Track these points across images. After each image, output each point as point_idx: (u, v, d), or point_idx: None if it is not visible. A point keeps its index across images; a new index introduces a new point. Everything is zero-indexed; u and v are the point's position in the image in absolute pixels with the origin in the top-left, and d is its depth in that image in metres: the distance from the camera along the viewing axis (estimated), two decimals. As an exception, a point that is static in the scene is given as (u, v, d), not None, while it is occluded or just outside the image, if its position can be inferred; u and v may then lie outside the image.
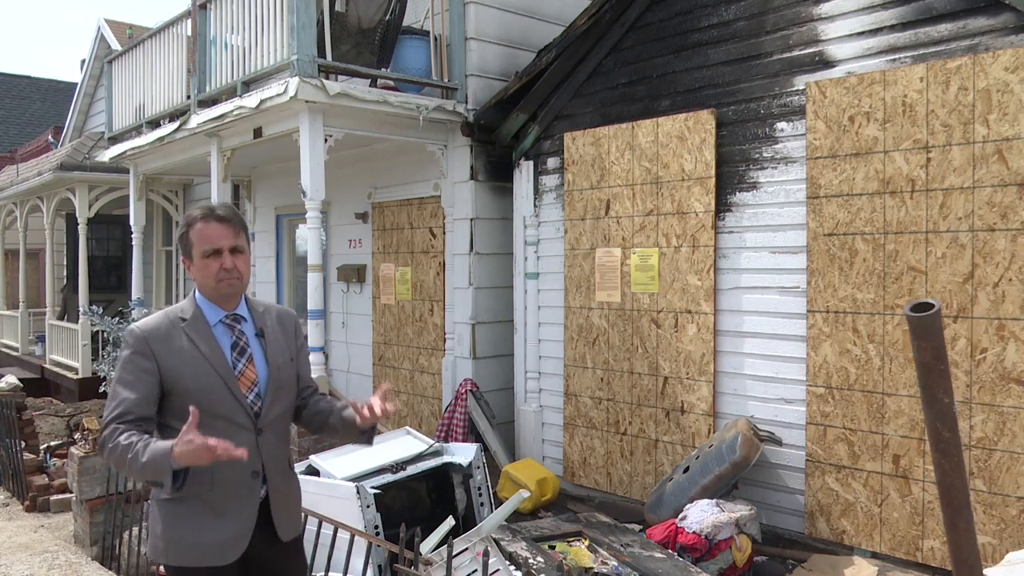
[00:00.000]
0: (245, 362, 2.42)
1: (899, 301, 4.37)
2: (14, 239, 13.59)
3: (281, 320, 2.59)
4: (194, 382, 2.32)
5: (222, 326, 2.43)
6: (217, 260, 2.37)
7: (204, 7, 7.20)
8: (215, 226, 2.38)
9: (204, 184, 10.30)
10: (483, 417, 6.49)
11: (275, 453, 2.48)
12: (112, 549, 5.01)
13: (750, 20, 5.04)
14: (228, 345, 2.41)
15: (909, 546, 4.32)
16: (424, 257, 7.35)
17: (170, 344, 2.34)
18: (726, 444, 4.66)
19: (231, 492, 2.36)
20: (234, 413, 2.36)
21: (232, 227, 2.40)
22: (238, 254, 2.41)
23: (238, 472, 2.34)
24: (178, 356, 2.33)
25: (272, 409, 2.45)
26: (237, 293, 2.45)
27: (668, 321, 5.44)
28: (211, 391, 2.33)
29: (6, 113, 24.06)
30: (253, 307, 2.54)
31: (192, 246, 2.39)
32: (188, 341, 2.35)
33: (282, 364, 2.49)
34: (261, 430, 2.42)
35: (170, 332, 2.36)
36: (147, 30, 9.01)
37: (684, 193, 5.33)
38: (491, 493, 4.94)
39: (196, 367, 2.33)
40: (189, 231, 2.40)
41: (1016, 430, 3.96)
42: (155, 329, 2.36)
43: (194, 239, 2.39)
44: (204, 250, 2.37)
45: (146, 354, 2.31)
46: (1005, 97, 3.97)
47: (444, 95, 6.75)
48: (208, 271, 2.37)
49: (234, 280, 2.39)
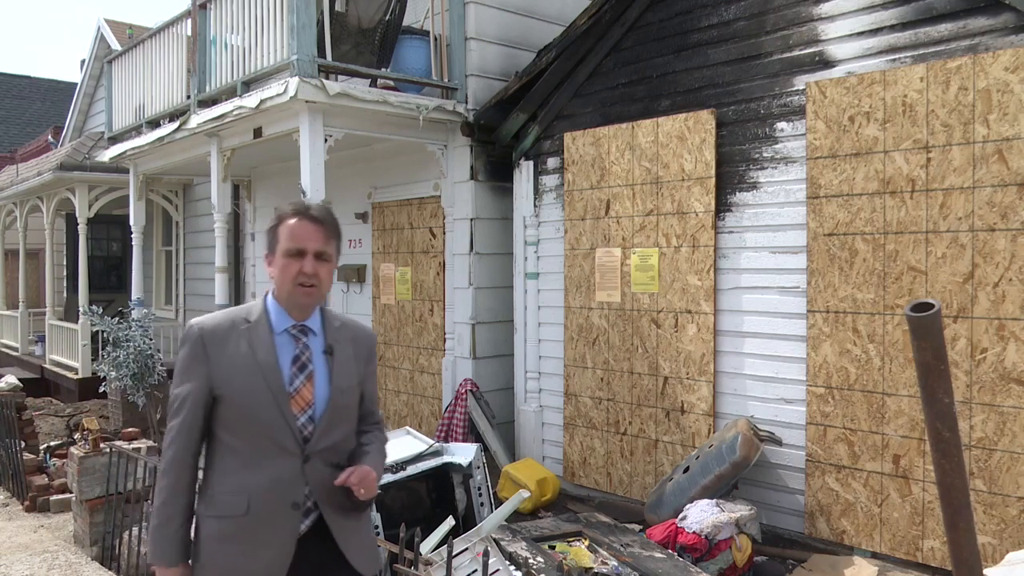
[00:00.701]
0: (303, 379, 2.20)
1: (899, 301, 4.37)
2: (14, 239, 13.59)
3: (356, 340, 2.36)
4: (241, 393, 2.13)
5: (287, 336, 2.23)
6: (298, 262, 2.18)
7: (204, 7, 7.20)
8: (306, 225, 2.19)
9: (204, 184, 10.30)
10: (483, 417, 6.49)
11: (328, 482, 2.19)
12: (112, 549, 5.01)
13: (750, 20, 5.04)
14: (289, 358, 2.20)
15: (909, 546, 4.32)
16: (424, 257, 7.35)
17: (226, 347, 2.17)
18: (726, 444, 4.66)
19: (265, 521, 2.14)
20: (280, 434, 2.14)
21: (324, 230, 2.21)
22: (323, 262, 2.20)
23: (276, 501, 2.14)
24: (230, 361, 2.15)
25: (326, 436, 2.20)
26: (312, 303, 2.25)
27: (668, 321, 5.44)
28: (258, 406, 2.13)
29: (6, 113, 24.06)
30: (328, 321, 2.32)
31: (278, 242, 2.21)
32: (247, 346, 2.17)
33: (346, 388, 2.26)
34: (309, 457, 2.17)
35: (229, 334, 2.19)
36: (147, 30, 9.01)
37: (684, 193, 5.33)
38: (491, 493, 4.94)
39: (247, 377, 2.14)
40: (279, 226, 2.22)
41: (1016, 430, 3.96)
42: (215, 328, 2.19)
43: (281, 235, 2.20)
44: (288, 248, 2.18)
45: (199, 356, 2.16)
46: (1005, 97, 3.97)
47: (444, 95, 6.75)
48: (287, 272, 2.19)
49: (311, 288, 2.20)
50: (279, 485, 2.13)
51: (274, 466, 2.12)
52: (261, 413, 2.13)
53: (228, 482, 2.14)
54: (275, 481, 2.13)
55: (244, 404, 2.13)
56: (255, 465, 2.14)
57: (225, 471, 2.17)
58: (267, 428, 2.13)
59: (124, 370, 8.23)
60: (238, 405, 2.13)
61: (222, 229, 7.57)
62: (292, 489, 2.14)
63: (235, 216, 9.97)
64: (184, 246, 11.66)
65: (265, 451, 2.12)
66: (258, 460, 2.13)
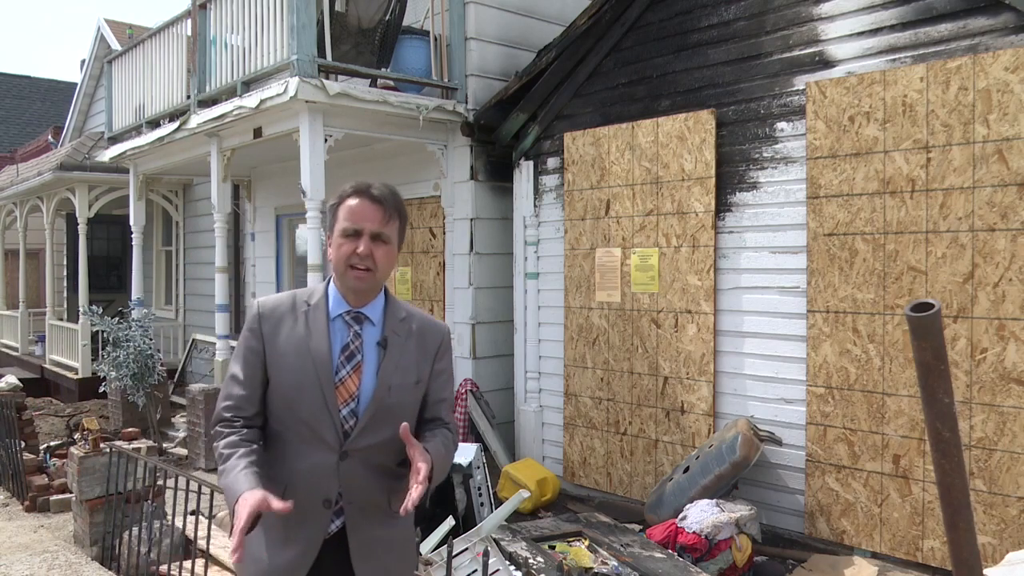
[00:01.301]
0: (350, 370, 2.04)
1: (899, 301, 4.37)
2: (14, 239, 13.59)
3: (423, 334, 2.15)
4: (289, 376, 2.02)
5: (341, 322, 2.08)
6: (353, 243, 2.01)
7: (204, 7, 7.21)
8: (366, 204, 2.04)
9: (204, 184, 10.30)
10: (483, 417, 6.49)
11: (361, 485, 2.04)
12: (112, 549, 5.01)
13: (750, 20, 5.04)
14: (339, 345, 2.06)
15: (909, 546, 4.32)
16: (424, 257, 7.35)
17: (282, 327, 2.06)
18: (726, 444, 4.66)
19: (296, 517, 1.97)
20: (320, 424, 2.01)
21: (384, 211, 2.04)
22: (380, 243, 2.03)
23: (308, 496, 2.01)
24: (285, 343, 2.04)
25: (366, 434, 2.03)
26: (366, 288, 2.06)
27: (668, 321, 5.44)
28: (304, 391, 2.01)
29: (6, 113, 24.06)
30: (392, 311, 2.13)
31: (336, 222, 2.06)
32: (303, 329, 2.05)
33: (396, 386, 2.06)
34: (346, 454, 2.02)
35: (287, 314, 2.08)
36: (147, 30, 9.02)
37: (684, 193, 5.33)
38: (491, 493, 4.94)
39: (298, 360, 2.02)
40: (338, 205, 2.08)
41: (1016, 430, 3.96)
42: (274, 308, 2.09)
43: (340, 214, 2.06)
44: (344, 228, 2.03)
45: (256, 333, 2.06)
46: (1005, 97, 3.97)
47: (444, 95, 6.75)
48: (341, 253, 2.03)
49: (365, 272, 2.02)
50: (312, 479, 2.01)
51: (310, 458, 2.01)
52: (305, 399, 2.01)
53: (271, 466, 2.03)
54: (308, 474, 2.02)
55: (292, 387, 2.02)
56: (294, 455, 2.04)
57: (269, 459, 2.05)
58: (310, 416, 2.01)
59: (124, 370, 8.23)
60: (285, 387, 2.02)
61: (222, 229, 7.57)
62: (325, 485, 2.01)
63: (235, 216, 9.97)
64: (184, 246, 11.66)
65: (305, 440, 2.01)
66: (297, 450, 2.03)
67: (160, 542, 4.64)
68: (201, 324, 10.78)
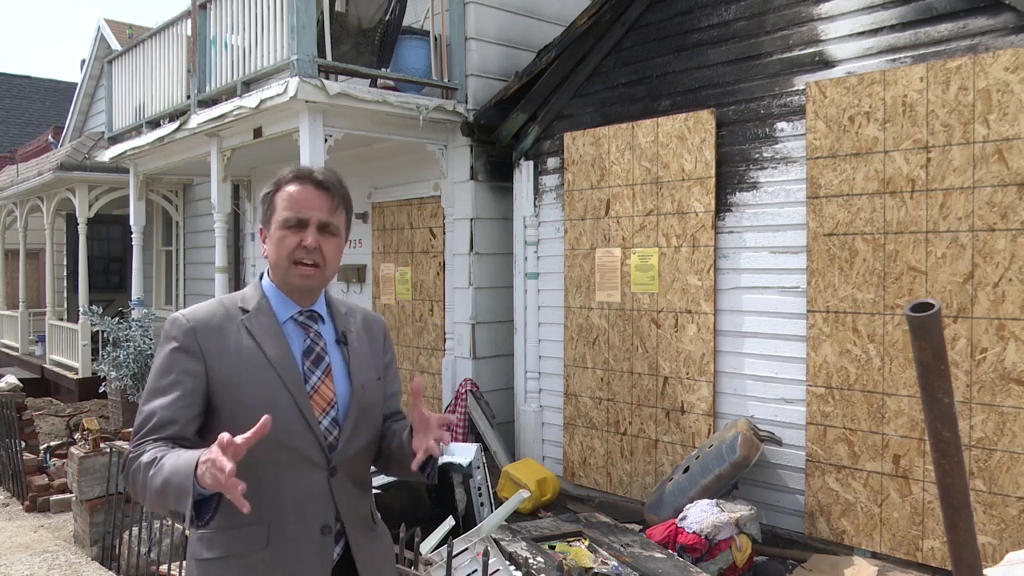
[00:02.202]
0: (321, 375, 1.81)
1: (899, 301, 4.37)
2: (14, 239, 13.60)
3: (368, 326, 1.97)
4: (253, 395, 1.71)
5: (293, 324, 1.83)
6: (298, 235, 1.77)
7: (204, 7, 7.21)
8: (310, 191, 1.80)
9: (204, 184, 10.30)
10: (483, 417, 6.49)
11: (353, 501, 1.83)
12: (112, 549, 5.01)
13: (750, 20, 5.04)
14: (300, 350, 1.80)
15: (909, 546, 4.32)
16: (424, 257, 7.35)
17: (224, 341, 1.74)
18: (726, 444, 4.66)
19: (292, 554, 1.72)
20: (303, 443, 1.74)
21: (330, 198, 1.82)
22: (328, 236, 1.81)
23: (303, 527, 1.74)
24: (234, 358, 1.73)
25: (352, 441, 1.82)
26: (314, 286, 1.83)
27: (668, 321, 5.44)
28: (275, 409, 1.66)
29: (6, 113, 24.06)
30: (335, 307, 1.94)
31: (274, 212, 1.81)
32: (249, 339, 1.75)
33: (366, 382, 1.88)
34: (336, 469, 1.78)
35: (224, 325, 1.76)
36: (147, 30, 9.02)
37: (684, 193, 5.33)
38: (491, 493, 4.94)
39: (258, 375, 1.73)
40: (275, 192, 1.83)
41: (1016, 430, 3.96)
42: (207, 319, 1.76)
43: (278, 203, 1.81)
44: (285, 218, 1.78)
45: (192, 351, 1.72)
46: (1005, 97, 3.97)
47: (444, 95, 6.75)
48: (282, 247, 1.78)
49: (311, 268, 1.79)
50: (304, 506, 1.74)
51: (296, 483, 1.73)
52: (279, 418, 1.68)
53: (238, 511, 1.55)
54: (299, 501, 1.74)
55: (256, 408, 1.64)
56: (274, 485, 1.72)
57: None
58: (287, 436, 1.72)
59: (124, 370, 8.24)
60: (249, 410, 1.67)
61: (222, 229, 7.57)
62: (320, 509, 1.75)
63: (235, 216, 9.97)
64: (184, 246, 11.66)
65: (284, 465, 1.72)
66: (276, 478, 1.72)
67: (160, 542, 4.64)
68: (201, 324, 10.75)
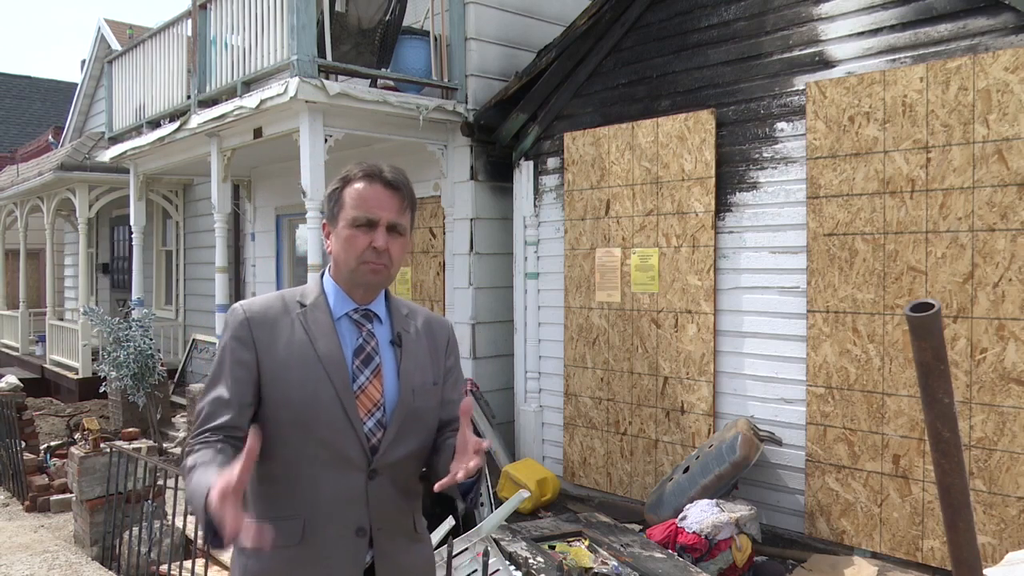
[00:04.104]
0: (369, 375, 1.78)
1: (899, 301, 4.37)
2: (14, 239, 13.60)
3: (430, 329, 1.93)
4: (299, 390, 1.71)
5: (348, 321, 1.81)
6: (368, 235, 1.75)
7: (204, 7, 7.21)
8: (380, 191, 1.77)
9: (204, 184, 10.30)
10: (483, 417, 6.48)
11: (391, 508, 1.79)
12: (112, 549, 5.01)
13: (750, 20, 5.05)
14: (351, 348, 1.79)
15: (909, 546, 4.32)
16: (424, 257, 7.35)
17: (277, 333, 1.75)
18: (726, 444, 4.66)
19: (325, 553, 1.72)
20: (344, 442, 1.73)
21: (401, 198, 1.80)
22: (396, 236, 1.79)
23: (338, 526, 1.73)
24: (285, 351, 1.73)
25: (396, 446, 1.78)
26: (380, 285, 1.83)
27: (668, 321, 5.44)
28: (319, 406, 1.70)
29: (6, 113, 24.07)
30: (395, 306, 1.90)
31: (341, 209, 1.78)
32: (302, 333, 1.75)
33: (419, 387, 1.83)
34: (375, 472, 1.75)
35: (280, 318, 1.77)
36: (147, 30, 9.02)
37: (684, 193, 5.33)
38: (491, 493, 4.94)
39: (305, 370, 1.72)
40: (343, 189, 1.80)
41: (1016, 430, 3.96)
42: (263, 311, 1.77)
43: (347, 200, 1.78)
44: (355, 217, 1.76)
45: (245, 341, 1.73)
46: (1005, 97, 3.97)
47: (444, 95, 6.75)
48: (352, 246, 1.76)
49: (381, 267, 1.78)
50: (340, 506, 1.73)
51: (335, 482, 1.72)
52: (323, 415, 1.71)
53: (276, 506, 1.72)
54: (335, 502, 1.73)
55: (303, 403, 1.71)
56: (312, 482, 1.72)
57: (271, 493, 1.74)
58: (329, 434, 1.72)
59: (124, 370, 8.23)
60: (295, 406, 1.71)
61: (222, 229, 7.57)
62: (356, 511, 1.73)
63: (235, 216, 9.97)
64: (184, 246, 11.66)
65: (325, 463, 1.72)
66: (315, 476, 1.72)
67: (160, 542, 4.64)
68: (201, 324, 10.78)
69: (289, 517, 1.71)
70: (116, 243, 13.77)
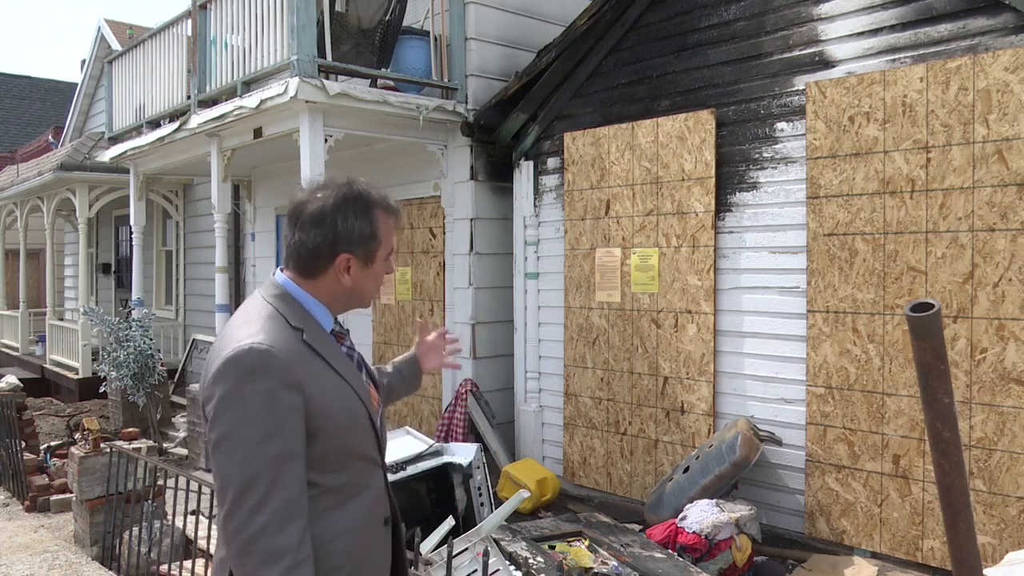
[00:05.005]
0: (367, 380, 1.87)
1: (899, 301, 4.37)
2: (14, 239, 13.60)
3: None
4: (344, 416, 1.71)
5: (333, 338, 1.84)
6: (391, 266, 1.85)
7: (204, 7, 7.21)
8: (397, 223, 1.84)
9: (204, 184, 10.31)
10: (483, 417, 6.49)
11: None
12: (112, 549, 5.01)
13: (750, 20, 5.05)
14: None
15: (909, 546, 4.32)
16: (424, 257, 7.35)
17: (310, 368, 1.67)
18: (726, 444, 4.66)
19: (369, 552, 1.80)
20: (374, 450, 1.81)
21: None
22: None
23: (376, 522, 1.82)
24: (322, 384, 1.67)
25: (384, 434, 1.91)
26: None
27: (668, 321, 5.44)
28: (357, 427, 1.74)
29: (6, 113, 24.07)
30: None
31: (380, 243, 1.76)
32: (318, 359, 1.70)
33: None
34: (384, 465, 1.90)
35: (302, 351, 1.68)
36: (147, 30, 9.02)
37: (684, 193, 5.33)
38: (491, 493, 4.94)
39: (343, 397, 1.72)
40: (379, 220, 1.76)
41: (1016, 430, 3.96)
42: (288, 347, 1.65)
43: (383, 233, 1.76)
44: (393, 248, 1.82)
45: (293, 385, 1.60)
46: (1005, 97, 3.97)
47: (444, 95, 6.75)
48: (382, 277, 1.83)
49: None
50: (376, 505, 1.82)
51: (370, 486, 1.80)
52: (362, 432, 1.76)
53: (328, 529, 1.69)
54: (374, 502, 1.81)
55: (347, 428, 1.71)
56: (354, 492, 1.75)
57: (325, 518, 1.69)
58: (368, 447, 1.78)
59: (124, 370, 8.23)
60: (341, 432, 1.69)
61: (222, 229, 7.57)
62: (383, 504, 1.84)
63: (235, 216, 9.98)
64: (184, 246, 11.67)
65: (361, 472, 1.77)
66: (358, 486, 1.76)
67: (160, 542, 4.64)
68: (201, 324, 10.78)
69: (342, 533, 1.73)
70: (120, 243, 13.77)
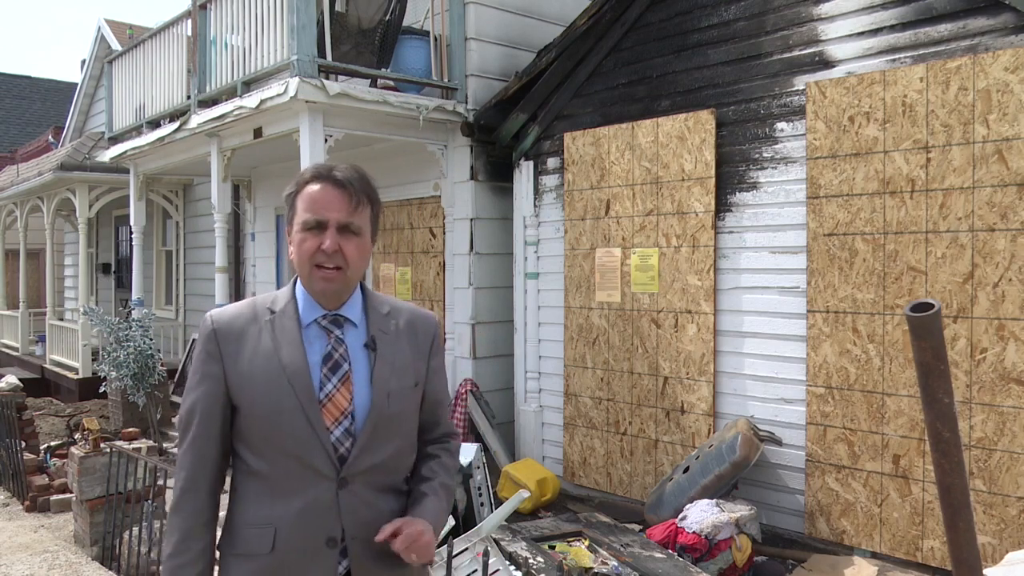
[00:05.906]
0: (337, 383, 1.73)
1: (899, 301, 4.37)
2: (14, 239, 13.60)
3: (413, 328, 1.87)
4: (263, 401, 1.70)
5: (316, 328, 1.77)
6: (318, 238, 1.72)
7: (204, 7, 7.21)
8: (328, 191, 1.73)
9: (204, 184, 10.31)
10: (483, 417, 6.49)
11: (370, 515, 1.74)
12: (112, 549, 5.01)
13: (750, 20, 5.05)
14: (320, 356, 1.74)
15: (909, 546, 4.32)
16: (424, 257, 7.35)
17: (243, 343, 1.73)
18: (726, 444, 4.66)
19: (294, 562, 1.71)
20: (309, 453, 1.70)
21: (349, 196, 1.74)
22: (350, 235, 1.74)
23: (307, 537, 1.71)
24: (249, 362, 1.72)
25: (368, 453, 1.73)
26: (335, 290, 1.76)
27: (668, 321, 5.44)
28: (282, 416, 1.69)
29: (6, 113, 24.07)
30: (373, 306, 1.84)
31: (295, 213, 1.77)
32: (268, 342, 1.73)
33: (395, 391, 1.78)
34: (345, 481, 1.72)
35: (247, 328, 1.74)
36: (147, 30, 9.02)
37: (684, 193, 5.33)
38: (491, 493, 4.94)
39: (269, 380, 1.70)
40: (297, 193, 1.77)
41: (1016, 430, 3.96)
42: (231, 320, 1.76)
43: (299, 204, 1.76)
44: (304, 220, 1.72)
45: (214, 355, 1.73)
46: (1005, 97, 3.97)
47: (444, 95, 6.75)
48: (303, 250, 1.73)
49: (333, 272, 1.73)
50: (310, 517, 1.71)
51: (304, 493, 1.70)
52: (286, 426, 1.69)
53: (251, 513, 1.73)
54: (305, 512, 1.71)
55: (266, 415, 1.70)
56: (282, 491, 1.72)
57: (249, 499, 1.75)
58: (294, 445, 1.69)
59: (124, 370, 8.23)
60: (259, 417, 1.70)
61: (222, 229, 7.57)
62: (325, 522, 1.71)
63: (235, 216, 9.98)
64: (184, 246, 11.67)
65: (294, 474, 1.70)
66: (286, 485, 1.72)
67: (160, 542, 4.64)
68: (201, 324, 10.76)
69: (262, 525, 1.72)
70: (120, 243, 13.78)
